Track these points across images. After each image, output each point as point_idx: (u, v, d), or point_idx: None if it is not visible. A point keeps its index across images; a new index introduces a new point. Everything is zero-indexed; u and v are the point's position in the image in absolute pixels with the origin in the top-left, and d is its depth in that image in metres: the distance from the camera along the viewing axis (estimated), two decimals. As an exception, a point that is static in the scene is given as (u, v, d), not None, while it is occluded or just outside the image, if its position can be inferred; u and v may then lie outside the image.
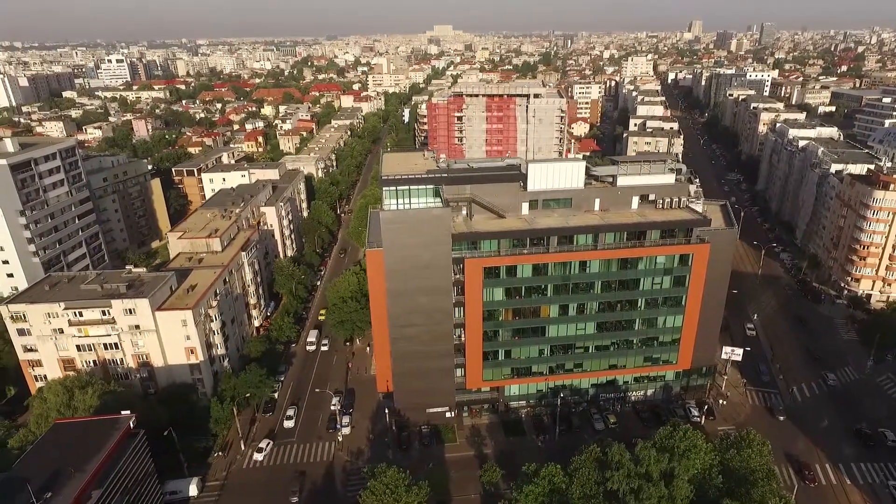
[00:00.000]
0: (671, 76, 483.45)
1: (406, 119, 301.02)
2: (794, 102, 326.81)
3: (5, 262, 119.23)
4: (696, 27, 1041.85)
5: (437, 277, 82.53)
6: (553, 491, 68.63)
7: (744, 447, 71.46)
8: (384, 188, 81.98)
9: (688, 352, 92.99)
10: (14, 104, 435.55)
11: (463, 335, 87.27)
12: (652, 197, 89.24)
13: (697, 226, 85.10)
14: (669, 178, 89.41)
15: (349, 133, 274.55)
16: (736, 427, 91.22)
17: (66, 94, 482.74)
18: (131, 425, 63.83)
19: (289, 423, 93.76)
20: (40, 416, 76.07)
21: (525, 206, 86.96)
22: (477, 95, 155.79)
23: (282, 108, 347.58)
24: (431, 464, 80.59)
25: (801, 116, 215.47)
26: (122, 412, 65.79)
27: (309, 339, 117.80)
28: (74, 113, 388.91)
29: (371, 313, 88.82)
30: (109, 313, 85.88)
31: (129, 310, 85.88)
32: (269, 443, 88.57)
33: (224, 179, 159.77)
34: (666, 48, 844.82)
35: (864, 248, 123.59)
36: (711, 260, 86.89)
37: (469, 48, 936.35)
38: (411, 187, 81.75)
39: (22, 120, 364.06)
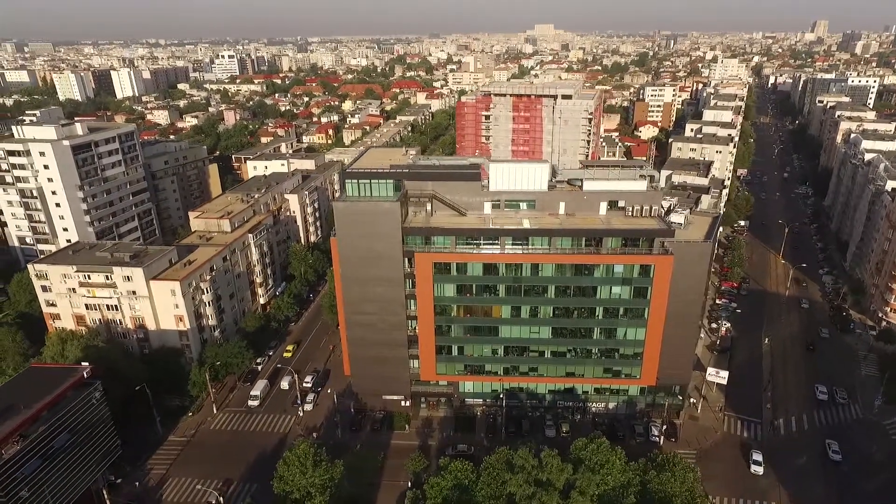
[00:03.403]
0: (771, 80, 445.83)
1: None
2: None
3: (65, 229, 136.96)
4: (820, 28, 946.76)
5: (389, 269, 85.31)
6: (457, 486, 69.54)
7: (665, 470, 68.26)
8: (346, 180, 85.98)
9: (652, 368, 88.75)
10: (137, 94, 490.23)
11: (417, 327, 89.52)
12: (622, 203, 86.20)
13: (659, 236, 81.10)
14: (640, 185, 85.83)
15: (410, 129, 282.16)
16: (697, 452, 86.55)
17: (181, 85, 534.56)
18: (85, 375, 72.76)
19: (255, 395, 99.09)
20: (42, 360, 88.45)
21: (488, 206, 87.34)
22: (504, 95, 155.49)
23: (358, 104, 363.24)
24: (359, 445, 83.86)
25: (891, 127, 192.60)
26: (82, 363, 75.23)
27: (252, 393, 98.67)
28: (183, 103, 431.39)
29: (336, 299, 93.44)
30: (111, 278, 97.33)
31: (127, 277, 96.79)
32: None
33: (266, 167, 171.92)
34: (780, 50, 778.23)
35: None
36: (680, 274, 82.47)
37: (566, 48, 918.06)
38: (372, 181, 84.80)
39: (138, 108, 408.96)
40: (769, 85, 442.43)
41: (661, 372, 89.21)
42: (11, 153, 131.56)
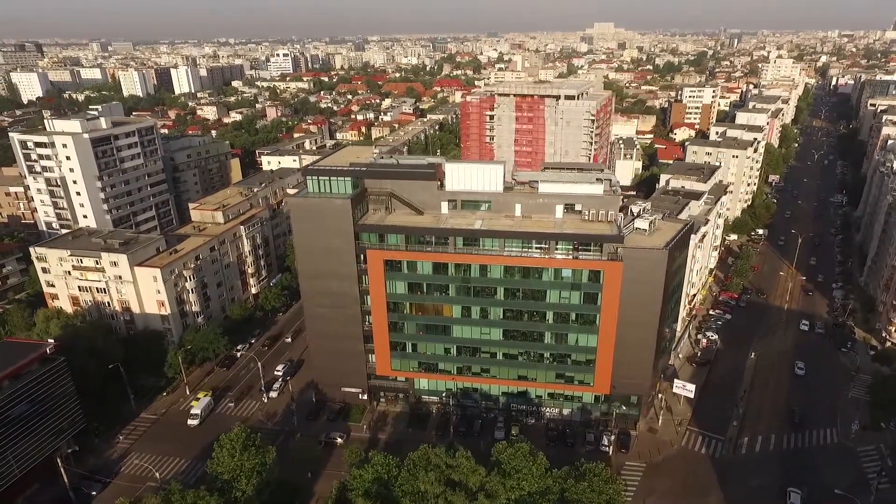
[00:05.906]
0: (833, 82, 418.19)
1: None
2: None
3: (84, 216, 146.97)
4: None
5: (343, 264, 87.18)
6: (377, 479, 70.55)
7: (583, 479, 66.84)
8: (307, 177, 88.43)
9: (605, 376, 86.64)
10: (193, 90, 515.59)
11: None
12: (579, 207, 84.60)
13: (608, 241, 79.14)
14: (597, 189, 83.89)
15: (438, 127, 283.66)
16: (647, 465, 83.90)
17: (234, 83, 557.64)
18: (48, 351, 78.49)
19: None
20: (32, 336, 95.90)
21: (445, 206, 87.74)
22: (508, 95, 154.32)
23: (393, 102, 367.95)
24: (300, 434, 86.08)
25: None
26: (47, 340, 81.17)
27: (193, 411, 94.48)
28: (234, 99, 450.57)
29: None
30: (100, 263, 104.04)
31: (114, 262, 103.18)
32: None
33: (279, 162, 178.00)
34: (854, 49, 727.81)
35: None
36: (634, 280, 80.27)
37: (622, 47, 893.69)
38: (330, 178, 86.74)
39: (191, 103, 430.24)
40: (830, 86, 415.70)
41: (616, 381, 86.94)
42: (39, 145, 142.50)
